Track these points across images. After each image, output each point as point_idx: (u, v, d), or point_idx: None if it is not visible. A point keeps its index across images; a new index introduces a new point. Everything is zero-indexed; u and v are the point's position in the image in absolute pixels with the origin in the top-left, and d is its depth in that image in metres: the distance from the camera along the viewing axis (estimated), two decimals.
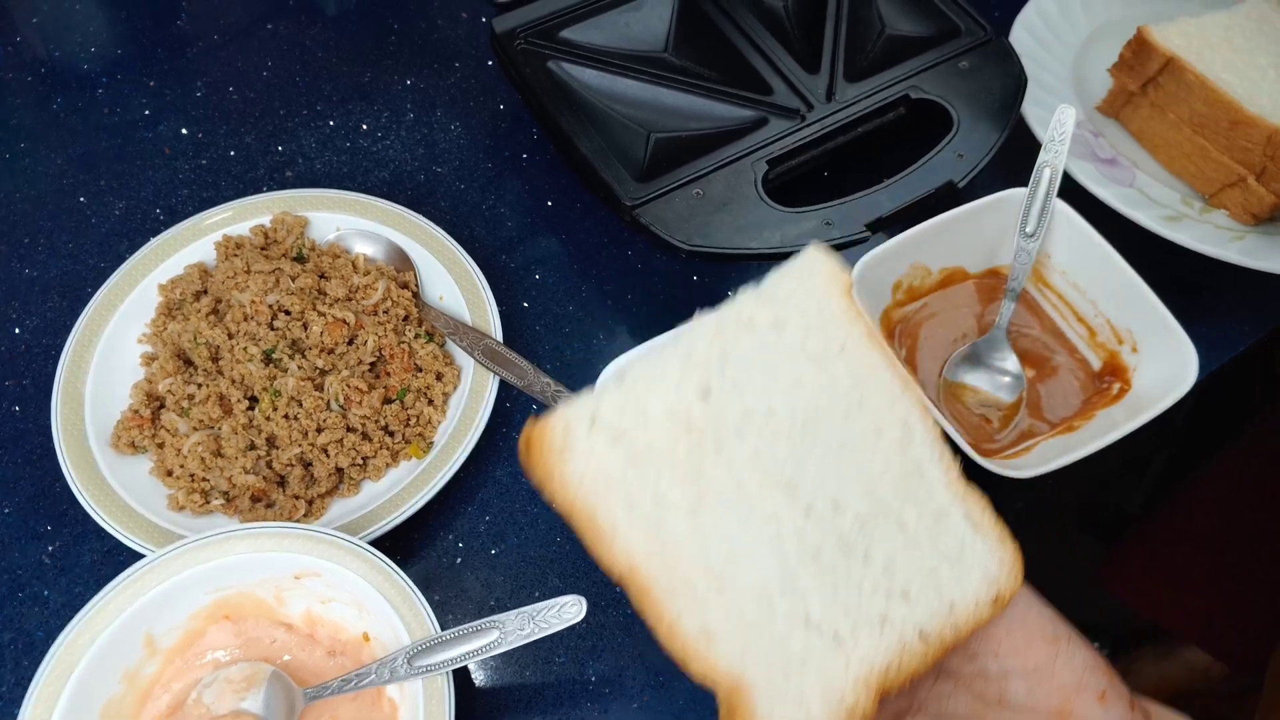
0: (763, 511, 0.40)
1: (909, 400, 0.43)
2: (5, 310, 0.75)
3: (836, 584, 0.39)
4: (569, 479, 0.38)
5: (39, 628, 0.64)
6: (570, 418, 0.39)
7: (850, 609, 0.39)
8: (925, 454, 0.42)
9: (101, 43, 0.91)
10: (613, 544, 0.38)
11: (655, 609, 0.38)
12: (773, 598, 0.38)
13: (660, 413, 0.39)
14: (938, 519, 0.41)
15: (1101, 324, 0.72)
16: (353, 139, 0.85)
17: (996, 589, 0.41)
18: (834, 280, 0.44)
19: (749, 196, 0.72)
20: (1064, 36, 0.88)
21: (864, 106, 0.77)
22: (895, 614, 0.39)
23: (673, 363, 0.41)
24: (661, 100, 0.78)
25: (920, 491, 0.41)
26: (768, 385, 0.41)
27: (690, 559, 0.38)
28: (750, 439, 0.40)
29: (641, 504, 0.38)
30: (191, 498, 0.65)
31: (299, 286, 0.70)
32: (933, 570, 0.40)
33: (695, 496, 0.39)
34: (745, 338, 0.42)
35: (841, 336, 0.43)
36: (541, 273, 0.79)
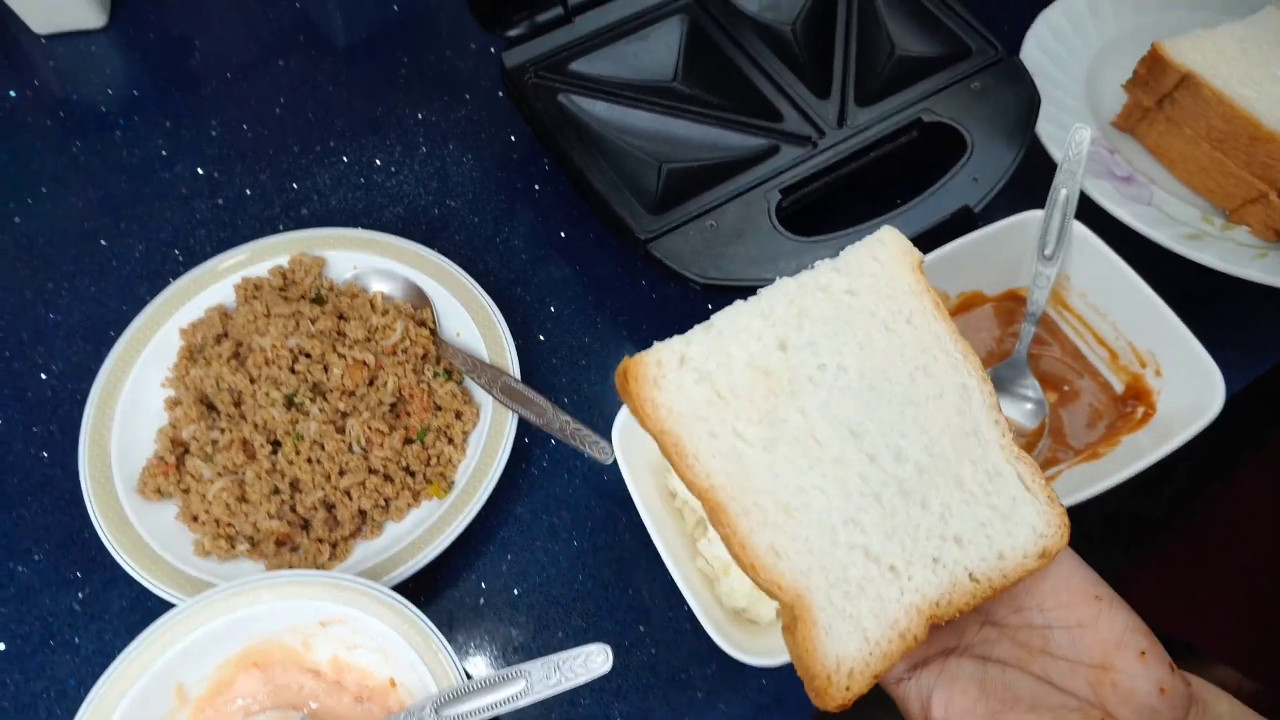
0: (830, 454, 0.43)
1: (969, 368, 0.46)
2: (32, 355, 0.76)
3: (895, 524, 0.42)
4: (659, 407, 0.42)
5: (70, 675, 0.64)
6: (662, 355, 0.43)
7: (906, 546, 0.42)
8: (983, 418, 0.45)
9: (118, 84, 0.92)
10: (694, 465, 0.42)
11: (730, 524, 0.41)
12: (835, 529, 0.42)
13: (742, 359, 0.43)
14: (992, 477, 0.44)
15: (1123, 347, 0.71)
16: (366, 174, 0.86)
17: (1044, 544, 0.43)
18: (905, 256, 0.47)
19: (762, 227, 0.71)
20: (1076, 51, 0.87)
21: (876, 131, 0.76)
22: (947, 555, 0.42)
23: (754, 318, 0.44)
24: (672, 131, 0.78)
25: (977, 451, 0.44)
26: (840, 344, 0.45)
27: (763, 488, 0.42)
28: (822, 389, 0.44)
29: (722, 436, 0.42)
30: (217, 543, 0.65)
31: (319, 329, 0.70)
32: (985, 522, 0.43)
33: (770, 435, 0.42)
34: (821, 301, 0.45)
35: (910, 307, 0.46)
36: (556, 304, 0.79)
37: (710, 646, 0.64)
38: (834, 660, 0.40)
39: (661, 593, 0.67)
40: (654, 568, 0.68)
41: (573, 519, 0.70)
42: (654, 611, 0.67)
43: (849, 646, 0.41)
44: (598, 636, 0.66)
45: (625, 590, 0.68)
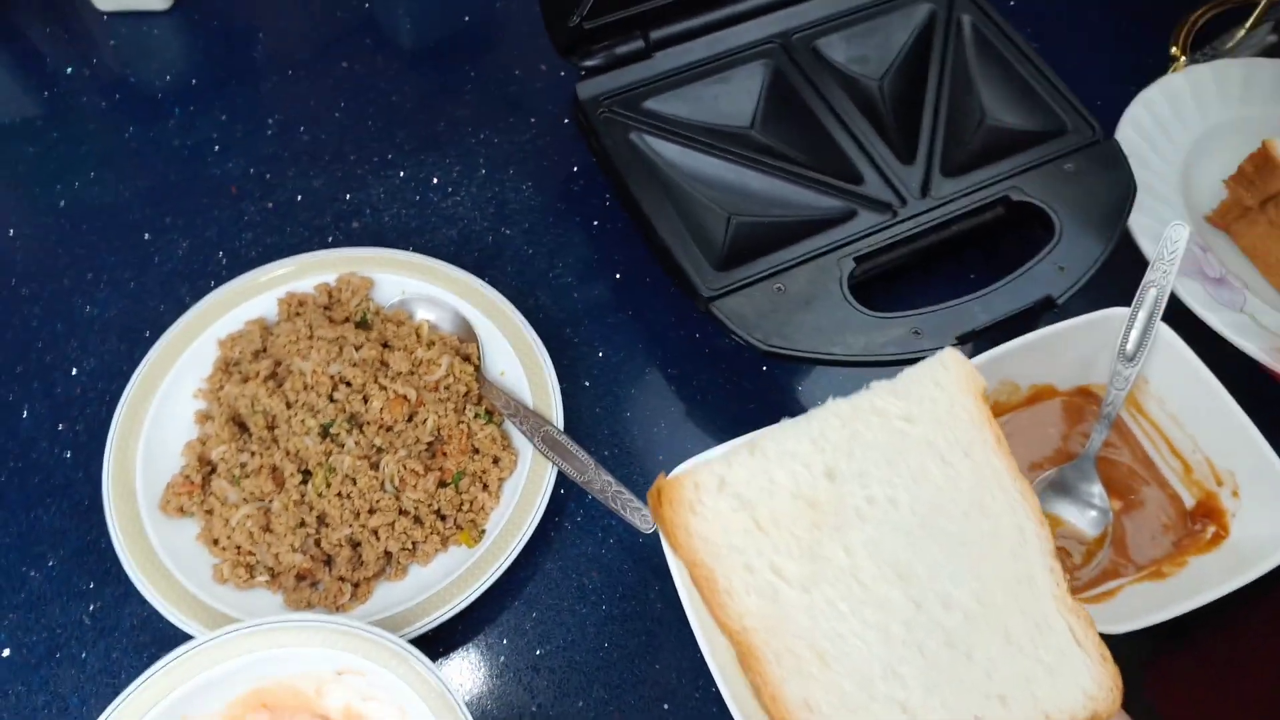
0: (874, 598, 0.41)
1: (1027, 509, 0.43)
2: (64, 349, 0.74)
3: (938, 678, 0.40)
4: (694, 535, 0.41)
5: (74, 693, 0.62)
6: (701, 478, 0.41)
7: (948, 703, 0.40)
8: (1038, 564, 0.43)
9: (177, 70, 0.90)
10: (727, 604, 0.40)
11: (762, 672, 0.39)
12: (874, 682, 0.40)
13: (786, 487, 0.41)
14: (1041, 629, 0.42)
15: (1199, 461, 0.67)
16: (422, 192, 0.83)
17: (1094, 706, 0.41)
18: (968, 381, 0.45)
19: (833, 296, 0.68)
20: (1174, 137, 0.83)
21: (961, 205, 0.73)
22: (990, 715, 0.40)
23: (803, 441, 0.42)
24: (745, 182, 0.75)
25: (1028, 599, 0.42)
26: (892, 475, 0.43)
27: (799, 631, 0.40)
28: (870, 525, 0.42)
29: (759, 571, 0.40)
30: (236, 571, 0.63)
31: (362, 357, 0.68)
32: (1031, 679, 0.41)
33: (811, 573, 0.40)
34: (876, 426, 0.43)
35: (969, 438, 0.44)
36: (606, 350, 0.76)
37: None
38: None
39: (689, 671, 0.64)
40: (683, 644, 0.65)
41: (603, 582, 0.67)
42: (680, 691, 0.64)
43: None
44: (620, 711, 0.63)
45: (652, 664, 0.65)
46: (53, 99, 0.87)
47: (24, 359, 0.74)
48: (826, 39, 0.81)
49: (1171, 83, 0.84)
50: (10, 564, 0.66)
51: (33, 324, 0.75)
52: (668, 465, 0.60)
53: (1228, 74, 0.86)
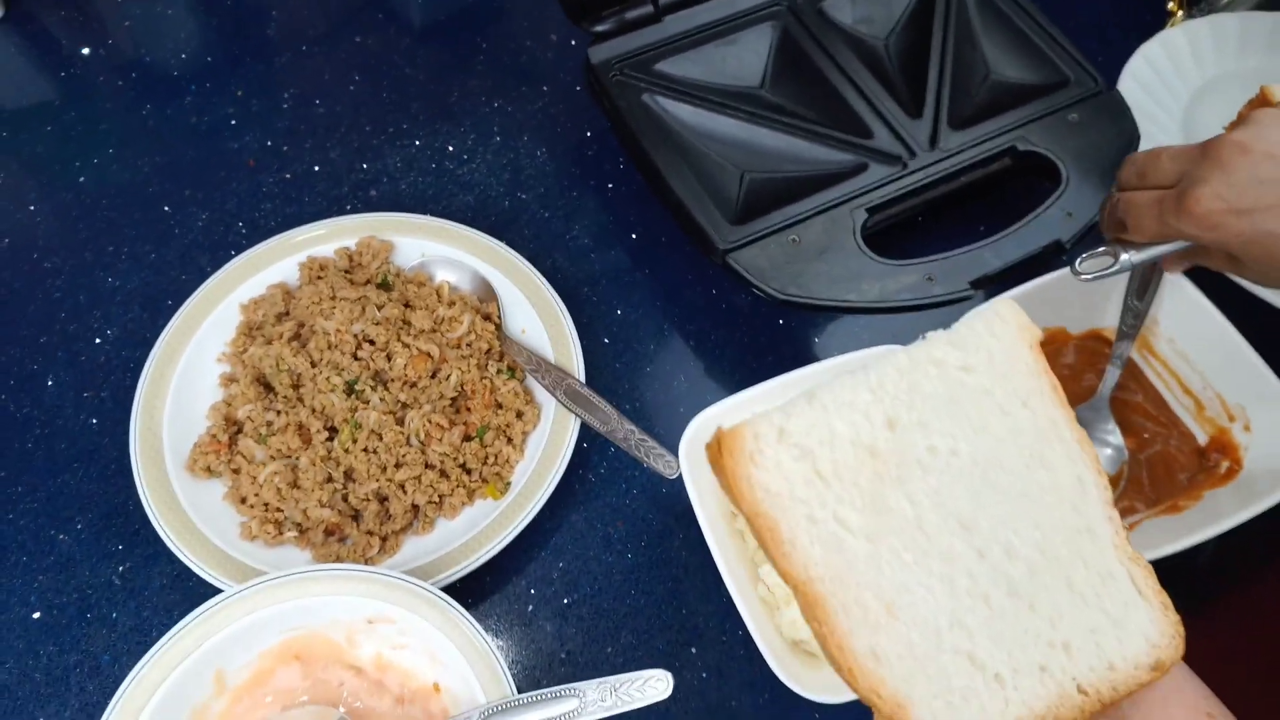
0: (939, 548, 0.41)
1: (1086, 459, 0.43)
2: (88, 319, 0.75)
3: (1003, 628, 0.40)
4: (755, 485, 0.39)
5: (105, 651, 0.63)
6: (760, 428, 0.40)
7: (1013, 653, 0.40)
8: (1098, 514, 0.42)
9: (192, 49, 0.91)
10: (791, 553, 0.39)
11: (828, 622, 0.39)
12: (941, 631, 0.39)
13: (847, 436, 0.40)
14: (1104, 579, 0.42)
15: (1211, 398, 0.68)
16: (438, 160, 0.84)
17: (1157, 655, 0.41)
18: (1024, 333, 0.44)
19: (847, 245, 0.69)
20: (1174, 89, 0.84)
21: (969, 156, 0.74)
22: (1055, 664, 0.40)
23: (862, 390, 0.42)
24: (757, 140, 0.76)
25: (1090, 550, 0.42)
26: (952, 426, 0.42)
27: (865, 582, 0.39)
28: (932, 475, 0.41)
29: (822, 521, 0.39)
30: (265, 528, 0.64)
31: (385, 316, 0.69)
32: (1095, 628, 0.41)
33: (875, 524, 0.40)
34: (934, 377, 0.43)
35: (1027, 389, 0.43)
36: (624, 308, 0.77)
37: (763, 675, 0.62)
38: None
39: (716, 615, 0.65)
40: (709, 589, 0.66)
41: (629, 531, 0.68)
42: (707, 634, 0.65)
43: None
44: (648, 655, 0.64)
45: (679, 610, 0.65)
46: (70, 80, 0.88)
47: (48, 330, 0.74)
48: (832, 0, 0.82)
49: (1170, 37, 0.85)
50: (39, 528, 0.67)
51: (56, 295, 0.76)
52: (689, 417, 0.61)
53: (1224, 27, 0.87)
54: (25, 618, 0.63)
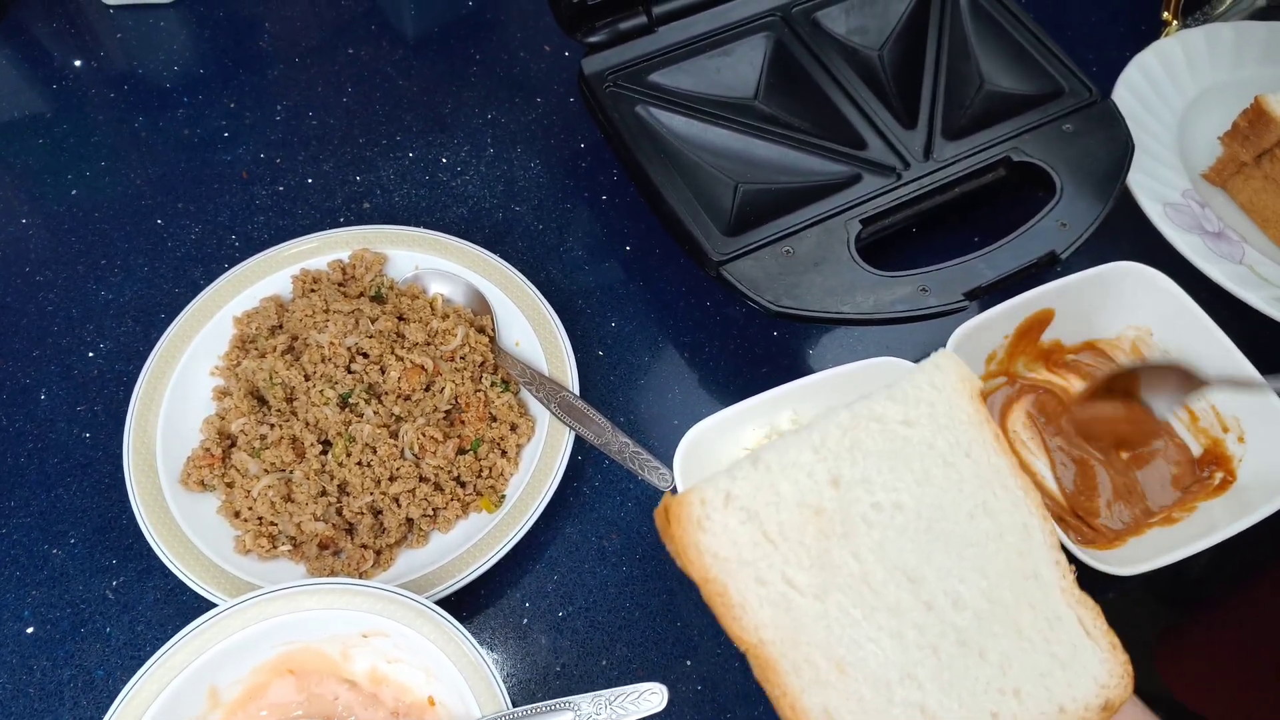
0: (886, 602, 0.41)
1: (1030, 505, 0.44)
2: (81, 333, 0.75)
3: (952, 677, 0.41)
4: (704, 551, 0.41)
5: (99, 666, 0.63)
6: (707, 494, 0.41)
7: (964, 701, 0.40)
8: (1043, 558, 0.43)
9: (184, 61, 0.91)
10: (741, 617, 0.40)
11: (780, 684, 0.40)
12: (891, 685, 0.40)
13: (792, 497, 0.41)
14: (1052, 623, 0.42)
15: (1205, 409, 0.68)
16: (432, 172, 0.84)
17: (1106, 695, 0.42)
18: (963, 383, 0.45)
19: (841, 257, 0.69)
20: (1169, 98, 0.85)
21: (963, 167, 0.74)
22: (1006, 710, 0.40)
23: (805, 450, 0.43)
24: (751, 150, 0.76)
25: (1037, 595, 0.43)
26: (895, 480, 0.43)
27: (815, 641, 0.40)
28: (877, 530, 0.42)
29: (771, 583, 0.40)
30: (259, 542, 0.63)
31: (378, 329, 0.68)
32: (1045, 672, 0.41)
33: (822, 582, 0.41)
34: (876, 433, 0.43)
35: (969, 439, 0.44)
36: (618, 320, 0.77)
37: (758, 688, 0.62)
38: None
39: (711, 628, 0.65)
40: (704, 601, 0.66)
41: (623, 544, 0.68)
42: (702, 647, 0.64)
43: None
44: (643, 667, 0.63)
45: (673, 622, 0.65)
46: (62, 92, 0.88)
47: (41, 343, 0.74)
48: (826, 11, 0.82)
49: (1165, 46, 0.85)
50: (32, 542, 0.66)
51: (48, 309, 0.76)
52: (683, 430, 0.61)
53: (1219, 37, 0.87)
54: (19, 632, 0.63)
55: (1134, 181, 0.76)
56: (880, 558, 0.42)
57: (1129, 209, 0.76)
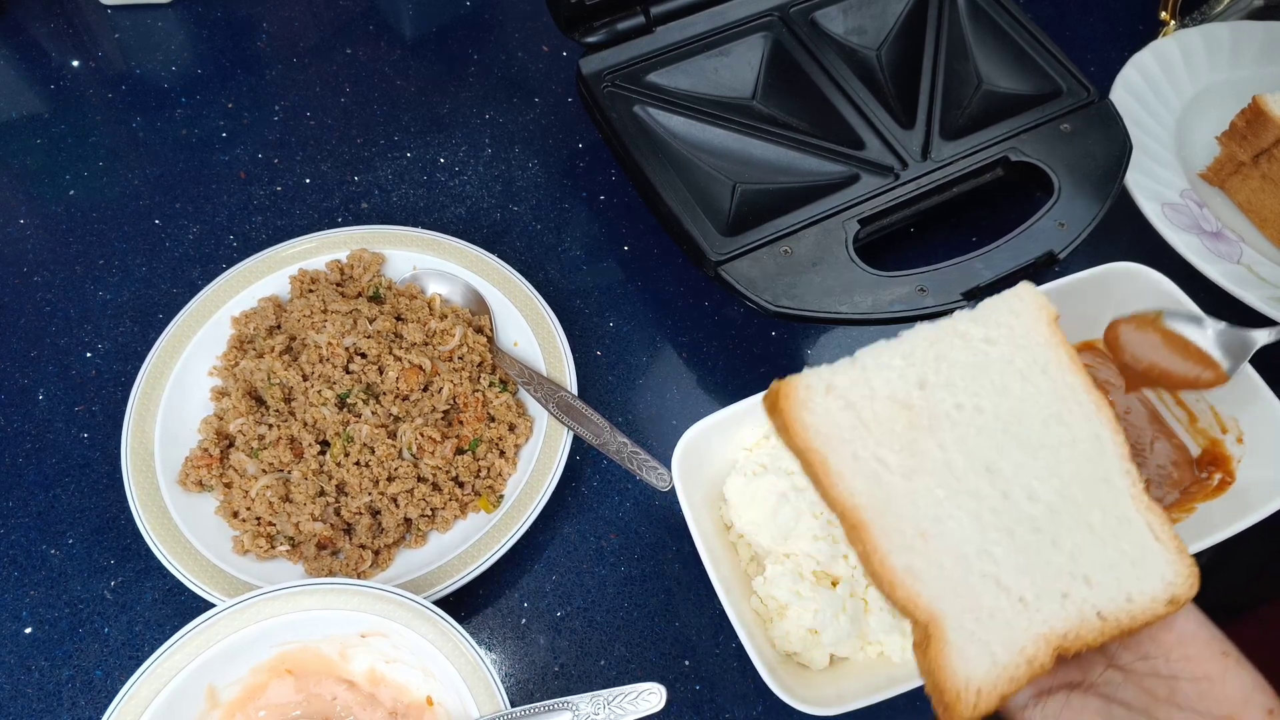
0: (967, 488, 0.45)
1: (1102, 419, 0.47)
2: (79, 333, 0.75)
3: (1026, 559, 0.43)
4: (807, 427, 0.44)
5: (97, 666, 0.63)
6: (811, 381, 0.45)
7: (1036, 580, 0.43)
8: (1115, 467, 0.46)
9: (182, 61, 0.90)
10: (838, 484, 0.43)
11: (870, 542, 0.43)
12: (969, 558, 0.43)
13: (884, 392, 0.45)
14: (1121, 524, 0.45)
15: (1204, 410, 0.68)
16: (429, 172, 0.84)
17: (1173, 591, 0.44)
18: (1041, 310, 0.49)
19: (839, 257, 0.69)
20: (1166, 99, 0.85)
21: (962, 166, 0.74)
22: (1076, 593, 0.43)
23: (895, 357, 0.46)
24: (749, 151, 0.76)
25: (1107, 498, 0.45)
26: (976, 387, 0.47)
27: (901, 511, 0.44)
28: (960, 428, 0.46)
29: (865, 459, 0.44)
30: (257, 542, 0.63)
31: (376, 329, 0.68)
32: (1113, 565, 0.44)
33: (910, 465, 0.44)
34: (959, 347, 0.47)
35: (1045, 358, 0.48)
36: (616, 320, 0.77)
37: (757, 687, 0.62)
38: (963, 679, 0.42)
39: (709, 628, 0.65)
40: (702, 601, 0.66)
41: (622, 544, 0.68)
42: (700, 647, 0.64)
43: (978, 668, 0.42)
44: (642, 667, 0.63)
45: (672, 622, 0.65)
46: (60, 92, 0.88)
47: (38, 344, 0.74)
48: (824, 11, 0.82)
49: (1162, 46, 0.86)
50: (30, 542, 0.66)
51: (46, 310, 0.76)
52: (681, 430, 0.62)
53: (1217, 37, 0.87)
54: (17, 633, 0.63)
55: (1132, 181, 0.76)
56: (962, 450, 0.45)
57: (1127, 209, 0.76)
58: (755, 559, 0.63)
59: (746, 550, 0.63)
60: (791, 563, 0.60)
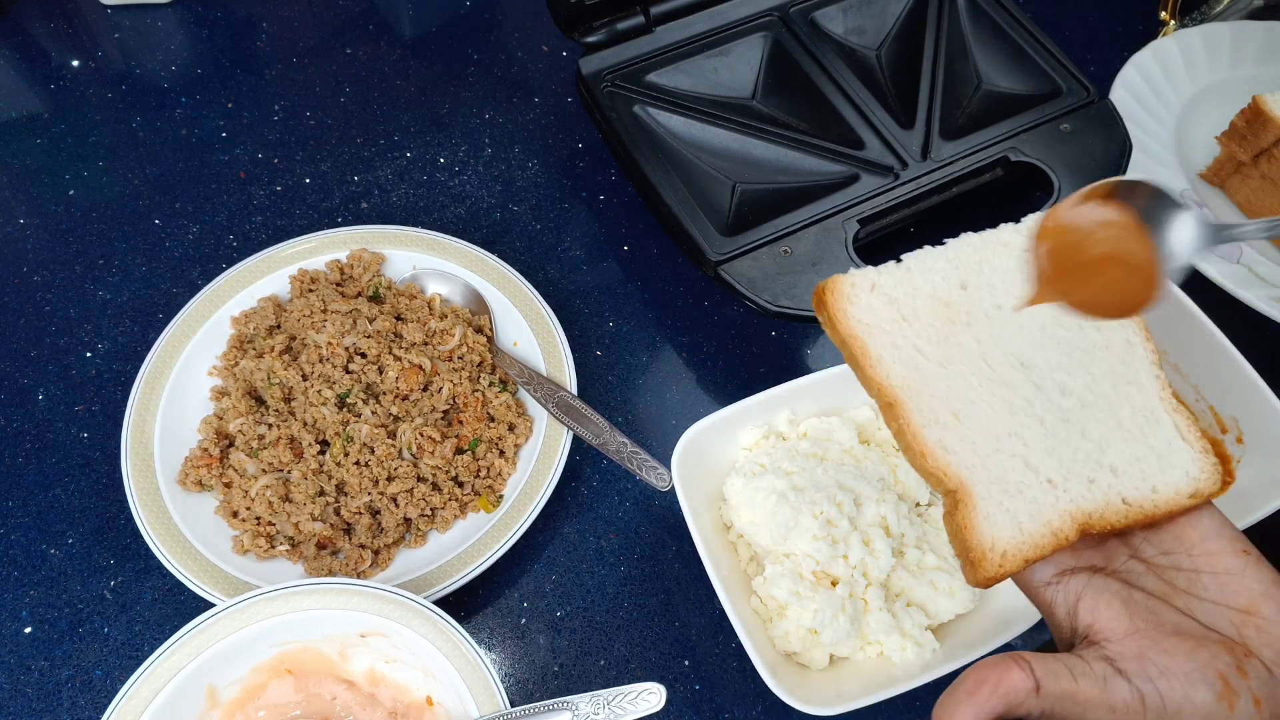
0: (1001, 378, 0.46)
1: (1135, 326, 0.49)
2: (79, 333, 0.75)
3: (1054, 445, 0.45)
4: (849, 317, 0.47)
5: (97, 666, 0.63)
6: (857, 279, 0.48)
7: (1064, 464, 0.45)
8: (1144, 370, 0.47)
9: (182, 61, 0.90)
10: (877, 367, 0.46)
11: (904, 417, 0.45)
12: (1000, 438, 0.45)
13: (926, 291, 0.47)
14: (1149, 422, 0.46)
15: (1203, 410, 0.68)
16: (429, 172, 0.84)
17: (1196, 485, 0.45)
18: None
19: (839, 257, 0.69)
20: (1166, 98, 0.85)
21: (961, 166, 0.74)
22: (1103, 480, 0.44)
23: (940, 261, 0.48)
24: (748, 150, 0.76)
25: (1137, 398, 0.47)
26: (1015, 289, 0.48)
27: (936, 392, 0.45)
28: (997, 325, 0.48)
29: (903, 348, 0.46)
30: (257, 542, 0.63)
31: (376, 329, 0.68)
32: (1140, 458, 0.45)
33: (946, 354, 0.46)
34: (1002, 253, 0.49)
35: None
36: (616, 320, 0.77)
37: (756, 688, 0.62)
38: (989, 540, 0.43)
39: (709, 628, 0.65)
40: (702, 601, 0.66)
41: (621, 544, 0.68)
42: (700, 647, 0.64)
43: (1004, 532, 0.43)
44: (642, 667, 0.63)
45: (671, 622, 0.65)
46: (59, 92, 0.88)
47: (38, 344, 0.74)
48: (824, 11, 0.82)
49: (1162, 46, 0.86)
50: (30, 542, 0.66)
51: (46, 309, 0.76)
52: (681, 430, 0.62)
53: (1216, 37, 0.87)
54: (17, 632, 0.63)
55: None
56: (998, 344, 0.47)
57: None
58: (755, 559, 0.63)
59: (746, 550, 0.64)
60: (791, 563, 0.60)
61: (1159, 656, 0.40)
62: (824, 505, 0.60)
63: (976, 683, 0.40)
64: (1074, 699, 0.40)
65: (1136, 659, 0.40)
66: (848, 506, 0.61)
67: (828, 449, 0.65)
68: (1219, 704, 0.38)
